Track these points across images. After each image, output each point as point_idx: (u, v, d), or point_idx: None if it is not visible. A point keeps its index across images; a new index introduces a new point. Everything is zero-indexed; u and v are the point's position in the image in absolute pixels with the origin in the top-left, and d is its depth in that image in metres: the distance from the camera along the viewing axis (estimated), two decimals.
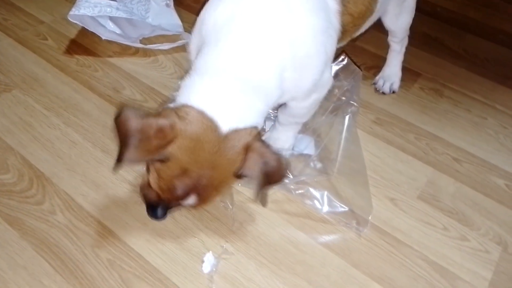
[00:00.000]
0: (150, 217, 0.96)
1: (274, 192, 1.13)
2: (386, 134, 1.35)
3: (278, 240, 1.06)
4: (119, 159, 0.78)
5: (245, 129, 0.85)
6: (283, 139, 1.18)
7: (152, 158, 0.82)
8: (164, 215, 0.94)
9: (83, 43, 1.57)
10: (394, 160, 1.27)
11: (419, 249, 1.06)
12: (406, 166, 1.26)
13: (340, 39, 1.02)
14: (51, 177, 1.14)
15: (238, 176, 0.86)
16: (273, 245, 1.05)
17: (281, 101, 0.99)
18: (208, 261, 0.99)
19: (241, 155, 0.84)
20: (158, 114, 0.83)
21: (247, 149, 0.84)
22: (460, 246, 1.08)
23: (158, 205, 0.93)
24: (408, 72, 1.56)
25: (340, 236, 1.08)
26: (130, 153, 0.77)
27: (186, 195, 0.86)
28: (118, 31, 1.56)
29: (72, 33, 1.61)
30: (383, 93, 1.48)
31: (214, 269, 0.98)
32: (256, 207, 1.11)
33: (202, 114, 0.82)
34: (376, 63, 1.58)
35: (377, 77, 1.51)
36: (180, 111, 0.82)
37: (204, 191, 0.87)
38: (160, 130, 0.78)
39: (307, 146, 1.18)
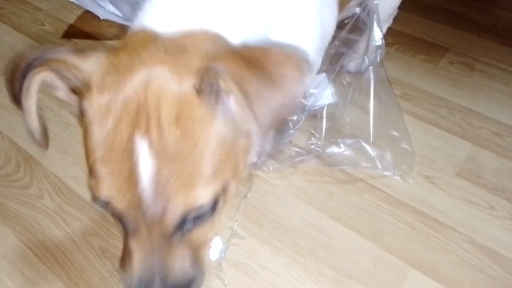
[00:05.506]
0: None
1: (292, 173, 0.99)
2: (414, 109, 1.20)
3: (297, 223, 0.91)
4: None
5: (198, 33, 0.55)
6: None
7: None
8: None
9: (82, 27, 1.47)
10: (426, 135, 1.12)
11: (464, 231, 0.90)
12: (440, 141, 1.10)
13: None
14: (40, 160, 1.02)
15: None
16: (290, 228, 0.90)
17: None
18: (216, 246, 0.85)
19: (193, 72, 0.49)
20: None
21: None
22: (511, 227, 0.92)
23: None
24: (435, 47, 1.42)
25: (369, 217, 0.92)
26: None
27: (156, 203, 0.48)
28: (118, 13, 1.46)
29: (71, 19, 1.52)
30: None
31: (222, 255, 0.84)
32: (269, 187, 0.97)
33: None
34: (398, 40, 1.45)
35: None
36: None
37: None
38: None
39: (323, 95, 1.01)
